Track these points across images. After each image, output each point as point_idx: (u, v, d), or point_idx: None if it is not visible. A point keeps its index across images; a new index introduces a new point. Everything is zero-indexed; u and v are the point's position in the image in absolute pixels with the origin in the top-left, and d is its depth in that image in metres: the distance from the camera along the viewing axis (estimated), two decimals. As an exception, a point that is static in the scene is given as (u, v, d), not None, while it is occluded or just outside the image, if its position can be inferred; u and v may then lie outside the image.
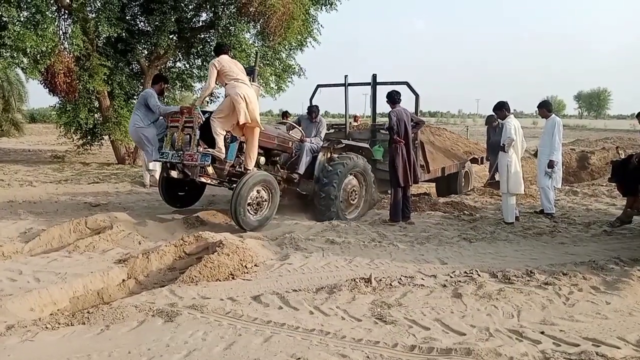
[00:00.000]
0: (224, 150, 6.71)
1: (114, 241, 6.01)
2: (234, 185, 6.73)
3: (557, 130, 8.15)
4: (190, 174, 6.87)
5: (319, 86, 10.98)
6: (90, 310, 3.86)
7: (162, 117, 7.15)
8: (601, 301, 4.28)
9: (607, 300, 4.30)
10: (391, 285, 4.57)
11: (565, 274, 4.87)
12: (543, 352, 3.28)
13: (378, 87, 9.96)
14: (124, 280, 4.80)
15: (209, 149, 6.65)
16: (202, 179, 6.93)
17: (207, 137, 6.71)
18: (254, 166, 7.13)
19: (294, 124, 8.77)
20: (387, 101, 7.87)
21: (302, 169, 7.87)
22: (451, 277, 4.84)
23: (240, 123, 6.61)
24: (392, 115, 7.66)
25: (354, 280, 4.60)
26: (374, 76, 9.83)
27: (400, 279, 4.73)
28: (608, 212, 8.52)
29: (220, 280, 4.69)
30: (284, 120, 9.54)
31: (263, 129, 7.13)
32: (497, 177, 11.08)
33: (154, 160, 7.34)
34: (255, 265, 5.14)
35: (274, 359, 3.15)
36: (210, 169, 6.80)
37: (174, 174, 7.14)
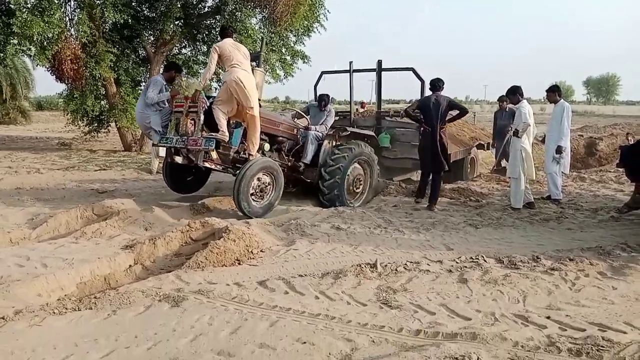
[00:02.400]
0: (227, 134, 6.75)
1: (121, 227, 6.03)
2: (238, 171, 6.72)
3: (566, 116, 8.08)
4: (194, 159, 6.85)
5: (323, 73, 10.88)
6: (98, 296, 3.87)
7: (167, 103, 7.18)
8: (607, 286, 4.27)
9: (613, 285, 4.29)
10: (397, 270, 4.57)
11: (572, 259, 4.85)
12: (549, 337, 3.27)
13: (383, 73, 9.89)
14: (130, 265, 4.82)
15: (212, 133, 6.68)
16: (207, 164, 6.89)
17: (212, 124, 6.73)
18: (259, 152, 7.13)
19: (302, 113, 8.73)
20: (429, 88, 7.93)
21: (308, 158, 7.86)
22: (457, 262, 4.84)
23: (245, 110, 6.68)
24: (416, 102, 7.91)
25: (360, 265, 4.61)
26: (379, 62, 9.72)
27: (405, 264, 4.73)
28: (616, 198, 8.47)
29: (226, 266, 4.70)
30: (291, 108, 9.48)
31: (259, 114, 7.00)
32: (503, 163, 11.04)
33: (156, 145, 7.28)
34: (261, 250, 5.15)
35: (280, 343, 3.16)
36: (214, 155, 6.80)
37: (178, 159, 7.07)
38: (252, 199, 6.73)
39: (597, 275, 4.52)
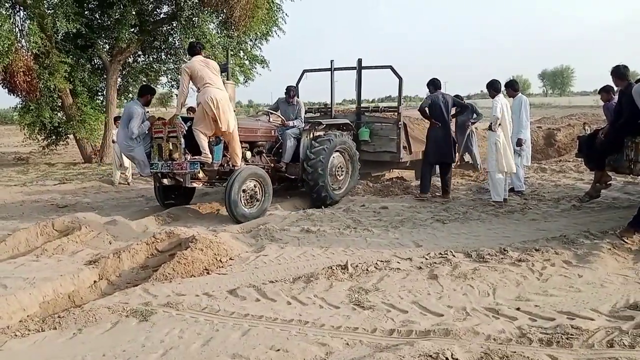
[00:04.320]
0: (210, 155, 6.84)
1: (84, 242, 5.87)
2: (225, 184, 6.89)
3: (524, 109, 8.25)
4: (181, 180, 6.98)
5: (305, 71, 11.08)
6: (62, 315, 3.75)
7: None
8: (573, 275, 4.36)
9: (579, 273, 4.39)
10: (367, 270, 4.57)
11: (538, 249, 4.95)
12: (520, 328, 3.32)
13: (363, 71, 10.11)
14: (95, 281, 4.68)
15: (196, 157, 6.79)
16: (194, 184, 7.17)
17: (194, 142, 6.83)
18: (242, 160, 7.31)
19: (271, 111, 8.87)
20: (429, 87, 8.46)
21: (287, 158, 8.07)
22: (426, 259, 4.87)
23: (223, 130, 6.74)
24: (427, 99, 8.35)
25: (331, 267, 4.59)
26: (359, 60, 9.98)
27: (376, 263, 4.73)
28: (576, 187, 8.70)
29: (195, 276, 4.62)
30: (263, 110, 9.56)
31: (237, 127, 7.09)
32: (466, 158, 11.23)
33: (150, 175, 7.45)
34: (230, 258, 5.08)
35: (253, 352, 3.11)
36: (200, 174, 6.97)
37: (166, 181, 7.30)
38: (243, 206, 6.91)
39: (562, 264, 4.62)
